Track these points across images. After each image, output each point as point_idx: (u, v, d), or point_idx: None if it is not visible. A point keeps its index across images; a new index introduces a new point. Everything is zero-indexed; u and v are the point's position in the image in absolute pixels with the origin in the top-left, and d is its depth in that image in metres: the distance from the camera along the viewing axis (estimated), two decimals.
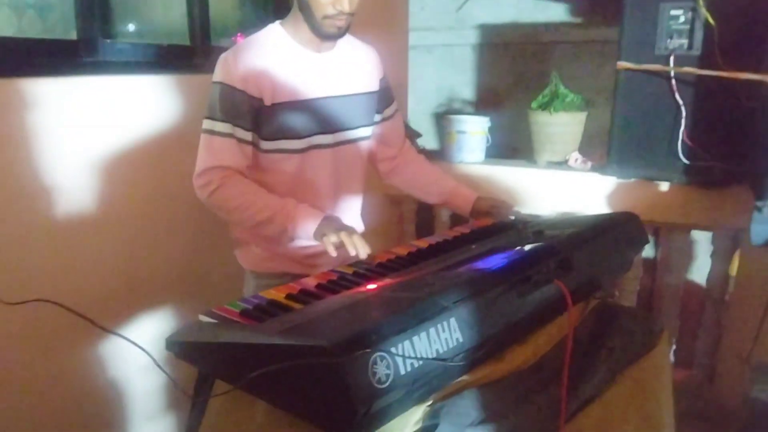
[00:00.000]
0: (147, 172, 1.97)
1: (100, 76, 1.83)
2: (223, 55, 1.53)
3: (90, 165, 1.80)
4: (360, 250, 1.36)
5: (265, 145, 1.55)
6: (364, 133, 1.70)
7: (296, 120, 1.55)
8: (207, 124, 1.51)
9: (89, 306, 1.80)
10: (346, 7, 1.45)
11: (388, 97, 1.78)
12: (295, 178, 1.59)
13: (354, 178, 1.71)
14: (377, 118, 1.75)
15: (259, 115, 1.51)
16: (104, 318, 1.82)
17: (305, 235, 1.45)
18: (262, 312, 1.14)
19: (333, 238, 1.38)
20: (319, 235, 1.42)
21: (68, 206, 1.75)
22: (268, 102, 1.50)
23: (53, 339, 1.71)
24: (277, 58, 1.53)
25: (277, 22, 1.59)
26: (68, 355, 1.79)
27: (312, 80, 1.56)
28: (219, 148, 1.50)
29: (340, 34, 1.53)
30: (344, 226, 1.44)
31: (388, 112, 1.78)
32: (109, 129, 1.84)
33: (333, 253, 1.38)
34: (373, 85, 1.71)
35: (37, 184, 1.67)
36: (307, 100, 1.55)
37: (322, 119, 1.58)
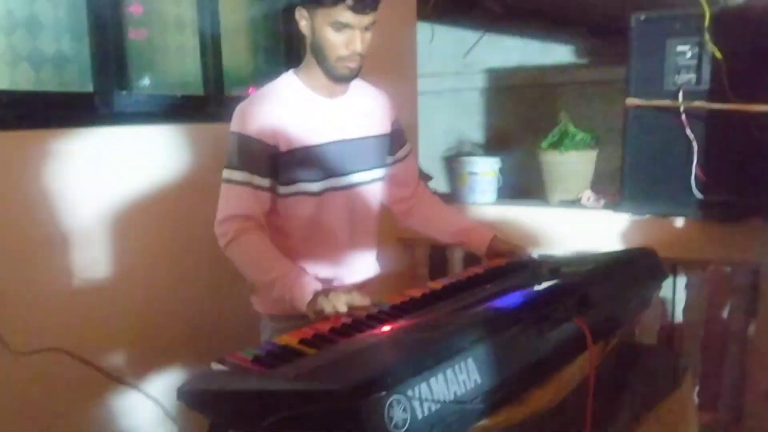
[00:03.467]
0: (162, 221, 1.97)
1: (116, 127, 1.86)
2: (239, 106, 1.57)
3: (106, 215, 1.81)
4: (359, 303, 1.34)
5: (283, 189, 1.58)
6: (378, 175, 1.71)
7: (311, 164, 1.57)
8: (225, 173, 1.55)
9: (102, 355, 1.80)
10: (358, 47, 1.49)
11: (400, 139, 1.80)
12: (311, 221, 1.61)
13: (369, 220, 1.72)
14: (390, 159, 1.77)
15: (275, 162, 1.54)
16: (117, 367, 1.83)
17: (300, 308, 1.42)
18: (275, 358, 1.11)
19: (328, 309, 1.34)
20: (312, 310, 1.38)
21: (83, 256, 1.75)
22: (283, 149, 1.54)
23: (64, 389, 1.69)
24: (291, 105, 1.56)
25: (291, 71, 1.64)
26: (79, 406, 1.76)
27: (325, 125, 1.59)
28: (236, 197, 1.53)
29: (352, 75, 1.56)
30: (337, 293, 1.38)
31: (400, 153, 1.80)
32: (124, 179, 1.87)
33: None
34: (385, 127, 1.73)
35: (53, 235, 1.68)
36: (321, 144, 1.58)
37: (336, 162, 1.61)
